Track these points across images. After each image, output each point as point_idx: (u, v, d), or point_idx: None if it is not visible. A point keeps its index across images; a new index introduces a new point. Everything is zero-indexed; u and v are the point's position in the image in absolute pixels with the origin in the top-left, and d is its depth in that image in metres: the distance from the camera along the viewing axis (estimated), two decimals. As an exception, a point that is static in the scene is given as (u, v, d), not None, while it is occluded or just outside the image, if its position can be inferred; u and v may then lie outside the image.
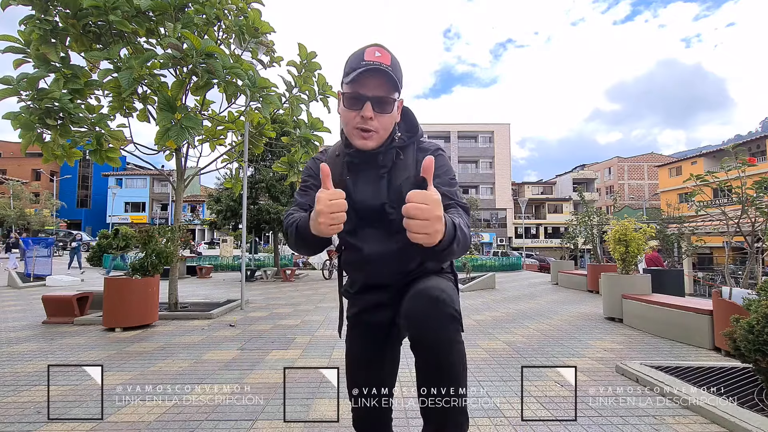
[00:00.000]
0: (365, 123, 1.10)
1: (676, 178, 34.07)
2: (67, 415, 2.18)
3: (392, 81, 1.08)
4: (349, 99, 1.11)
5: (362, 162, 1.19)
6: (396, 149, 1.19)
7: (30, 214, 32.51)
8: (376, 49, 1.10)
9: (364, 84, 1.08)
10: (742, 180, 4.29)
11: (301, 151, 5.79)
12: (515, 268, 17.26)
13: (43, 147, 4.36)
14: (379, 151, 1.16)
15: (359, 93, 1.09)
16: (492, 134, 45.44)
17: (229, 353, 3.48)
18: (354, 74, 1.07)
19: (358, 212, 1.16)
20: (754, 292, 2.95)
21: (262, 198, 12.05)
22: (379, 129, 1.12)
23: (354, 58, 1.12)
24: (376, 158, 1.17)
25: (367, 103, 1.08)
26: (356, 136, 1.13)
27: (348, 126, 1.14)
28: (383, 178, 1.18)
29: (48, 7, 4.07)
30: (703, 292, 12.95)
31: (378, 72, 1.07)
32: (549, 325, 4.87)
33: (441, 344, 1.02)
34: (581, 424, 2.08)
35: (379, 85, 1.09)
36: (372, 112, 1.09)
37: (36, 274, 9.51)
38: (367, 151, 1.15)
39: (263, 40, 4.98)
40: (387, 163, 1.18)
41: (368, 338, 1.33)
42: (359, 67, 1.08)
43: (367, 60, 1.08)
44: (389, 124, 1.15)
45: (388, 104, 1.11)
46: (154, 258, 4.74)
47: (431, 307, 1.03)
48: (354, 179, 1.20)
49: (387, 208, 1.15)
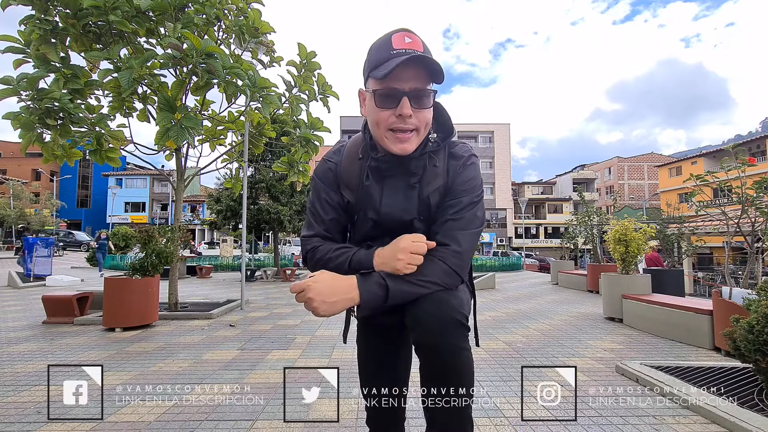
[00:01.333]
0: (403, 122, 0.96)
1: (676, 178, 34.08)
2: (67, 415, 2.18)
3: (431, 70, 0.94)
4: (382, 96, 0.96)
5: (391, 168, 1.05)
6: (429, 154, 1.05)
7: (30, 214, 32.50)
8: (405, 34, 0.96)
9: (398, 77, 0.93)
10: (742, 180, 4.29)
11: (301, 151, 5.79)
12: (515, 268, 17.26)
13: (43, 147, 4.36)
14: (413, 156, 1.02)
15: (394, 88, 0.94)
16: (492, 134, 45.45)
17: (229, 353, 3.48)
18: (388, 66, 0.91)
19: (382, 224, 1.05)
20: (754, 292, 2.95)
21: (262, 198, 12.05)
22: (419, 126, 0.98)
23: (380, 48, 0.97)
24: (408, 164, 1.03)
25: (405, 99, 0.94)
26: (392, 141, 0.98)
27: (380, 128, 0.99)
28: (414, 188, 1.05)
29: (48, 7, 4.07)
30: (703, 292, 12.96)
31: (415, 61, 0.93)
32: (549, 325, 4.87)
33: (446, 349, 0.96)
34: (581, 424, 2.08)
35: (415, 77, 0.94)
36: (410, 108, 0.95)
37: (36, 274, 9.51)
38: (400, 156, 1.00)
39: (263, 40, 4.98)
40: (419, 170, 1.05)
41: (380, 339, 1.28)
42: (390, 57, 0.93)
43: (397, 48, 0.94)
44: (429, 120, 1.01)
45: (427, 97, 0.97)
46: (154, 258, 4.74)
47: (437, 310, 0.96)
48: (380, 186, 1.07)
49: (416, 223, 1.05)
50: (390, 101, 0.95)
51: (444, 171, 1.08)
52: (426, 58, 0.93)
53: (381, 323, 1.25)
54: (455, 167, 1.08)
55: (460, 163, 1.08)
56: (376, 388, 1.30)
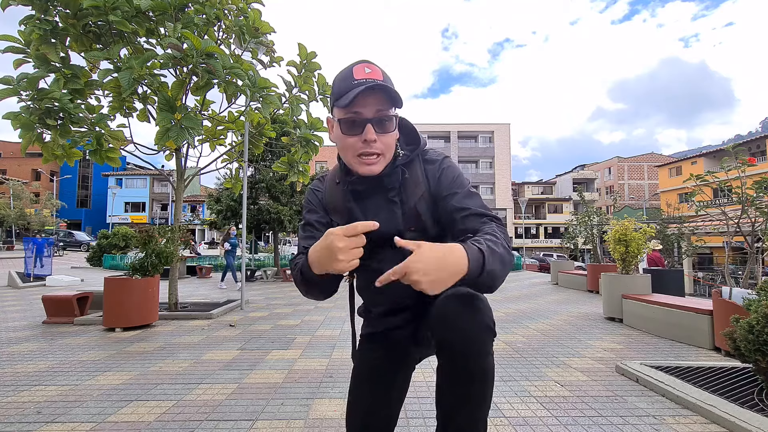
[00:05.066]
0: (369, 147, 1.01)
1: (676, 178, 34.09)
2: (67, 415, 2.18)
3: (391, 97, 1.00)
4: (347, 124, 1.01)
5: (368, 188, 1.10)
6: (401, 168, 1.10)
7: (30, 214, 32.51)
8: (364, 65, 1.02)
9: (361, 104, 0.99)
10: (742, 180, 4.29)
11: (301, 151, 5.79)
12: (515, 268, 17.26)
13: (43, 147, 4.36)
14: (384, 174, 1.07)
15: (358, 115, 1.00)
16: (492, 134, 45.47)
17: (229, 353, 3.48)
18: (350, 96, 0.97)
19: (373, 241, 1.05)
20: (754, 292, 2.95)
21: (262, 198, 12.06)
22: (384, 150, 1.04)
23: (342, 80, 1.02)
24: (382, 182, 1.08)
25: (368, 125, 1.00)
26: (359, 164, 1.04)
27: (348, 153, 1.05)
28: (395, 202, 1.09)
29: (48, 7, 4.07)
30: (703, 292, 12.96)
31: (375, 90, 0.99)
32: (549, 325, 4.87)
33: (474, 354, 0.95)
34: (581, 424, 2.08)
35: (377, 103, 1.00)
36: (374, 134, 1.00)
37: (36, 274, 9.51)
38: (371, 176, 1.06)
39: (263, 40, 4.98)
40: (394, 184, 1.09)
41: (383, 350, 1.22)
42: (352, 87, 0.99)
43: (357, 78, 0.99)
44: (393, 143, 1.07)
45: (390, 122, 1.03)
46: (154, 258, 4.74)
47: (467, 312, 0.94)
48: (362, 207, 1.12)
49: (405, 234, 1.07)
50: (355, 128, 1.01)
51: (423, 178, 1.11)
52: (384, 86, 0.99)
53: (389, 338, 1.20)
54: (433, 171, 1.12)
55: (436, 166, 1.12)
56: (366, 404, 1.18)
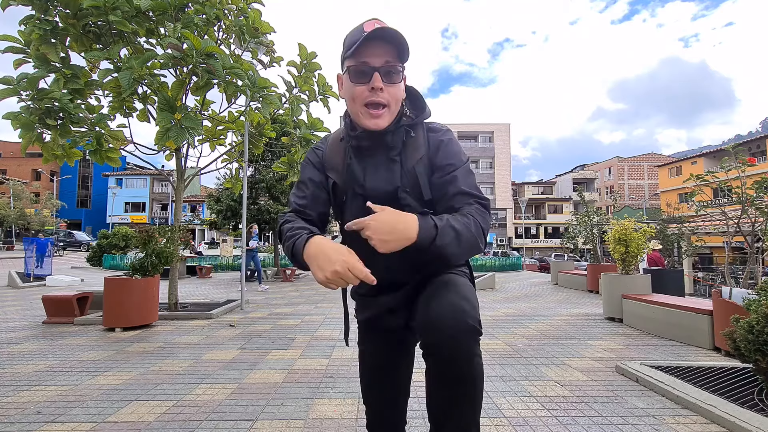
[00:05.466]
0: (376, 95, 1.02)
1: (676, 178, 34.10)
2: (67, 415, 2.18)
3: (399, 47, 1.02)
4: (355, 72, 1.03)
5: (370, 145, 1.11)
6: (405, 128, 1.11)
7: (30, 214, 32.52)
8: (375, 21, 1.04)
9: (369, 53, 1.01)
10: (742, 180, 4.29)
11: (301, 151, 5.79)
12: (515, 268, 17.27)
13: (43, 147, 4.36)
14: (388, 131, 1.08)
15: (366, 63, 1.02)
16: (492, 134, 45.47)
17: (229, 353, 3.48)
18: (358, 43, 1.00)
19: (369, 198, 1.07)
20: (754, 292, 2.95)
21: (262, 198, 12.06)
22: (390, 102, 1.05)
23: (353, 33, 1.04)
24: (385, 139, 1.09)
25: (376, 74, 1.01)
26: (366, 116, 1.05)
27: (356, 104, 1.06)
28: (395, 161, 1.10)
29: (48, 7, 4.07)
30: (703, 292, 12.96)
31: (382, 38, 1.01)
32: (549, 325, 4.87)
33: (459, 356, 0.94)
34: (581, 424, 2.08)
35: (385, 53, 1.02)
36: (381, 82, 1.02)
37: (36, 274, 9.51)
38: (376, 131, 1.07)
39: (263, 40, 4.98)
40: (397, 143, 1.10)
41: (382, 343, 1.26)
42: (361, 37, 1.00)
43: (367, 30, 1.01)
44: (399, 97, 1.08)
45: (397, 73, 1.04)
46: (154, 258, 4.74)
47: (452, 316, 0.94)
48: (362, 164, 1.12)
49: (400, 193, 1.08)
50: (363, 76, 1.03)
51: (424, 142, 1.12)
52: (393, 33, 1.00)
53: (383, 326, 1.23)
54: (434, 138, 1.13)
55: (439, 135, 1.13)
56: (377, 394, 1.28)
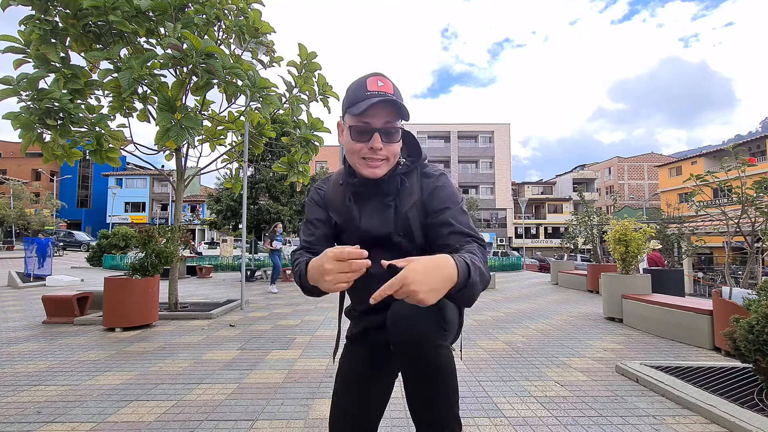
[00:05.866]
0: (374, 154, 1.10)
1: (676, 178, 34.10)
2: (67, 415, 2.18)
3: (399, 111, 1.09)
4: (357, 132, 1.10)
5: (367, 190, 1.18)
6: (400, 176, 1.17)
7: (30, 214, 32.52)
8: (377, 78, 1.10)
9: (371, 115, 1.08)
10: (742, 180, 4.29)
11: (301, 151, 5.79)
12: (515, 268, 17.26)
13: (43, 147, 4.36)
14: (384, 179, 1.15)
15: (368, 125, 1.08)
16: (492, 134, 45.46)
17: (229, 353, 3.48)
18: (362, 106, 1.06)
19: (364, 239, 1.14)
20: (754, 292, 2.95)
21: (262, 198, 12.07)
22: (389, 156, 1.12)
23: (356, 89, 1.11)
24: (381, 186, 1.16)
25: (376, 135, 1.08)
26: (364, 167, 1.12)
27: (355, 156, 1.13)
28: (389, 206, 1.17)
29: (48, 7, 4.07)
30: (703, 292, 12.96)
31: (385, 102, 1.07)
32: (549, 325, 4.87)
33: (423, 349, 0.98)
34: (581, 424, 2.08)
35: (386, 116, 1.08)
36: (381, 143, 1.09)
37: (36, 274, 9.51)
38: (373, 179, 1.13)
39: (263, 40, 4.98)
40: (392, 191, 1.17)
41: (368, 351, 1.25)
42: (365, 98, 1.07)
43: (371, 90, 1.08)
44: (397, 151, 1.15)
45: (396, 133, 1.11)
46: (154, 258, 4.74)
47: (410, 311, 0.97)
48: (360, 207, 1.20)
49: (394, 237, 1.15)
50: (364, 136, 1.10)
51: (418, 188, 1.19)
52: (395, 102, 1.07)
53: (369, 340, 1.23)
54: (428, 184, 1.19)
55: (432, 180, 1.19)
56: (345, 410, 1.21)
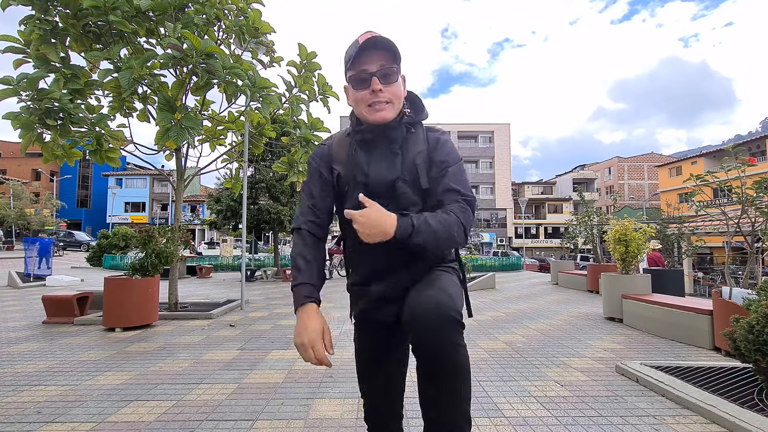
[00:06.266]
0: (377, 96, 1.14)
1: (676, 178, 34.09)
2: (67, 415, 2.18)
3: (390, 51, 1.13)
4: (356, 80, 1.15)
5: (375, 138, 1.21)
6: (406, 124, 1.22)
7: (30, 214, 32.51)
8: (368, 33, 1.15)
9: (365, 62, 1.13)
10: (742, 180, 4.29)
11: (301, 151, 5.79)
12: (515, 268, 17.26)
13: (43, 147, 4.36)
14: (391, 126, 1.18)
15: (364, 70, 1.13)
16: (492, 134, 45.45)
17: (229, 353, 3.48)
18: (354, 55, 1.12)
19: (370, 187, 1.18)
20: (754, 292, 2.95)
21: (262, 198, 12.06)
22: (392, 98, 1.16)
23: (350, 47, 1.16)
24: (388, 133, 1.19)
25: (374, 78, 1.13)
26: (370, 112, 1.16)
27: (360, 106, 1.17)
28: (397, 153, 1.20)
29: (48, 7, 4.07)
30: (703, 292, 12.96)
31: (375, 46, 1.12)
32: (549, 325, 4.87)
33: (443, 347, 1.00)
34: (581, 424, 2.08)
35: (379, 59, 1.14)
36: (380, 84, 1.13)
37: (36, 274, 9.51)
38: (380, 126, 1.17)
39: (263, 40, 4.98)
40: (399, 137, 1.20)
41: (375, 337, 1.32)
42: (356, 49, 1.12)
43: (361, 42, 1.13)
44: (399, 94, 1.19)
45: (393, 74, 1.15)
46: (154, 258, 4.74)
47: (434, 308, 1.01)
48: (366, 155, 1.22)
49: (399, 182, 1.18)
50: (363, 82, 1.15)
51: (424, 139, 1.23)
52: (383, 40, 1.12)
53: (376, 318, 1.28)
54: (433, 137, 1.24)
55: (437, 134, 1.25)
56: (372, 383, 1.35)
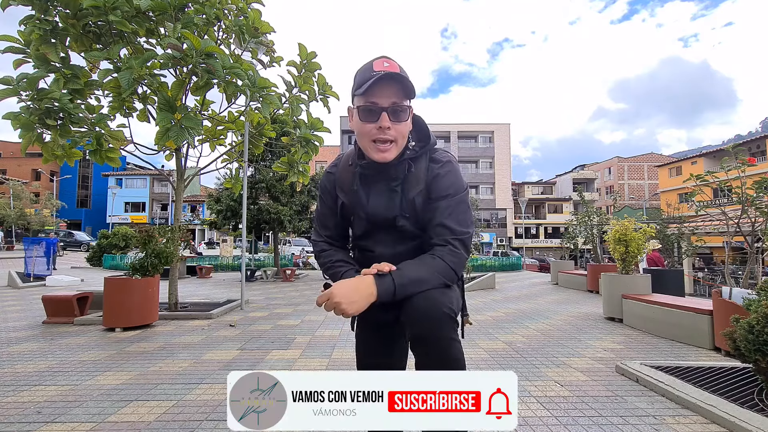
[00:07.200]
0: (383, 133, 1.11)
1: (676, 178, 34.09)
2: (67, 415, 2.18)
3: (405, 88, 1.10)
4: (365, 111, 1.11)
5: (375, 174, 1.20)
6: (408, 161, 1.19)
7: (30, 214, 32.50)
8: (384, 60, 1.12)
9: (377, 94, 1.09)
10: (742, 180, 4.29)
11: (301, 151, 5.79)
12: (515, 268, 17.25)
13: (43, 147, 4.36)
14: (392, 164, 1.17)
15: (374, 103, 1.09)
16: (492, 134, 45.43)
17: (229, 353, 3.48)
18: (367, 84, 1.07)
19: (370, 221, 1.21)
20: (754, 292, 2.95)
21: (262, 198, 12.05)
22: (397, 138, 1.13)
23: (363, 71, 1.12)
24: (388, 170, 1.18)
25: (384, 113, 1.09)
26: (374, 150, 1.13)
27: (365, 139, 1.14)
28: (395, 191, 1.19)
29: (48, 7, 4.07)
30: (703, 292, 12.95)
31: (391, 80, 1.08)
32: (549, 325, 4.87)
33: (438, 341, 1.05)
34: (581, 424, 2.08)
35: (393, 94, 1.09)
36: (389, 121, 1.10)
37: (36, 274, 9.51)
38: (380, 163, 1.16)
39: (263, 40, 4.98)
40: (399, 175, 1.19)
41: (375, 337, 1.36)
42: (371, 77, 1.08)
43: (377, 70, 1.09)
44: (405, 132, 1.16)
45: (404, 112, 1.12)
46: (154, 258, 4.74)
47: (429, 306, 1.05)
48: (366, 190, 1.22)
49: (399, 220, 1.19)
50: (371, 116, 1.11)
51: (424, 174, 1.20)
52: (400, 78, 1.08)
53: (375, 320, 1.30)
54: (434, 169, 1.21)
55: (438, 166, 1.21)
56: None
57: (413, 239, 1.21)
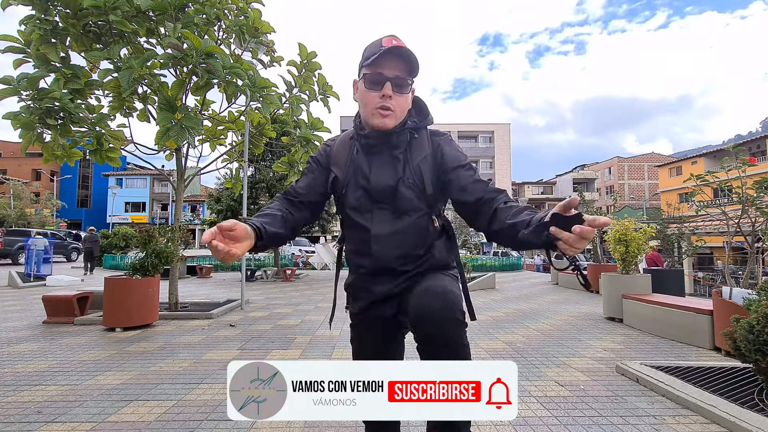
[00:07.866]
0: (385, 101, 1.16)
1: (676, 178, 34.08)
2: (67, 414, 2.18)
3: (411, 64, 1.17)
4: (371, 80, 1.17)
5: (378, 143, 1.23)
6: (409, 130, 1.24)
7: (30, 214, 32.51)
8: (392, 38, 1.18)
9: (384, 65, 1.16)
10: (742, 180, 4.29)
11: (301, 151, 5.79)
12: (515, 268, 17.25)
13: (43, 147, 4.36)
14: (394, 132, 1.21)
15: (380, 73, 1.16)
16: (492, 134, 45.44)
17: (229, 353, 3.48)
18: (375, 56, 1.14)
19: (371, 192, 1.21)
20: (754, 292, 2.95)
21: (262, 198, 12.07)
22: (397, 109, 1.18)
23: (372, 46, 1.19)
24: (391, 139, 1.22)
25: (387, 83, 1.15)
26: (376, 116, 1.18)
27: (368, 107, 1.20)
28: (398, 159, 1.22)
29: (48, 7, 4.07)
30: (703, 292, 12.95)
31: (397, 54, 1.15)
32: (549, 325, 4.87)
33: (449, 346, 1.03)
34: (581, 424, 2.08)
35: (397, 67, 1.16)
36: (392, 91, 1.16)
37: (36, 274, 9.51)
38: (383, 132, 1.20)
39: (263, 40, 4.98)
40: (401, 143, 1.23)
41: (373, 336, 1.34)
42: (379, 50, 1.14)
43: (386, 45, 1.16)
44: (405, 106, 1.22)
45: (406, 86, 1.19)
46: (154, 258, 4.74)
47: (440, 307, 1.04)
48: (368, 159, 1.25)
49: (401, 186, 1.20)
50: (376, 84, 1.17)
51: (428, 143, 1.25)
52: (407, 51, 1.15)
53: (376, 315, 1.29)
54: (437, 141, 1.26)
55: (443, 138, 1.27)
56: None
57: (415, 212, 1.20)
